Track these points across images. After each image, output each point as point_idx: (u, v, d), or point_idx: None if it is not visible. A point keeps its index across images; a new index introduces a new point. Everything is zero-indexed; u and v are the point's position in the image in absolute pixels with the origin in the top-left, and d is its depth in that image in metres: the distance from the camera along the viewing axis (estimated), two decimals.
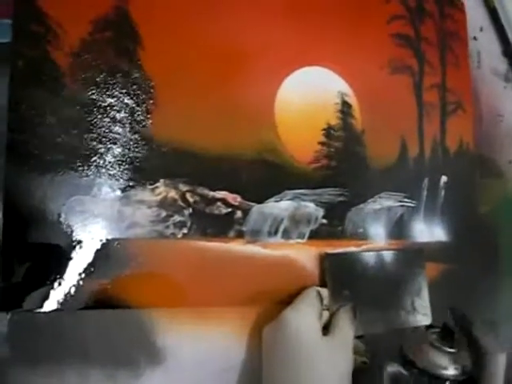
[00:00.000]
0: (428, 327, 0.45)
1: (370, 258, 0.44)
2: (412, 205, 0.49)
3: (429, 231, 0.50)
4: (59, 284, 0.34)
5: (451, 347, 0.42)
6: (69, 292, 0.34)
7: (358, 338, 0.42)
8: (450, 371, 0.41)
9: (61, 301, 0.34)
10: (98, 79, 0.37)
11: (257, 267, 0.41)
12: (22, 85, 0.35)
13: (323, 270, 0.42)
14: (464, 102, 0.54)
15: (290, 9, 0.45)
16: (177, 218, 0.38)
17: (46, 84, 0.36)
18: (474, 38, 0.57)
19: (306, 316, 0.37)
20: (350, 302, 0.41)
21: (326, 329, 0.39)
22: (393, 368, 0.43)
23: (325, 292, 0.41)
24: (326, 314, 0.40)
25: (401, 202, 0.48)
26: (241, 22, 0.43)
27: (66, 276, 0.34)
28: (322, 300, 0.40)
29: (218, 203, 0.40)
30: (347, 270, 0.43)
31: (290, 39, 0.45)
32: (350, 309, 0.40)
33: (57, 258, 0.34)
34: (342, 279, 0.42)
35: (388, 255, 0.45)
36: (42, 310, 0.33)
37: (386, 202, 0.47)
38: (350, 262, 0.43)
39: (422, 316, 0.45)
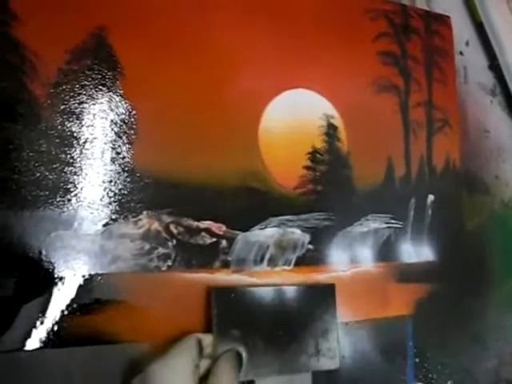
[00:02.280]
0: None
1: (266, 293, 0.40)
2: (399, 226, 0.49)
3: (416, 251, 0.50)
4: (42, 322, 0.33)
5: None
6: (51, 329, 0.34)
7: (249, 383, 0.39)
8: None
9: (43, 339, 0.33)
10: (76, 110, 0.37)
11: None
12: None
13: (210, 308, 0.38)
14: (451, 118, 0.53)
15: (273, 31, 0.45)
16: (161, 250, 0.38)
17: (23, 116, 0.35)
18: (461, 53, 0.56)
19: (174, 371, 0.33)
20: (239, 343, 0.37)
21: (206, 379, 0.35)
22: None
23: (207, 339, 0.36)
24: (206, 364, 0.36)
25: (388, 223, 0.48)
26: (224, 46, 0.42)
27: (48, 313, 0.34)
28: (201, 349, 0.35)
29: (203, 233, 0.40)
30: (238, 307, 0.39)
31: (274, 62, 0.44)
32: (231, 356, 0.36)
33: (38, 294, 0.34)
34: (231, 317, 0.38)
35: (291, 291, 0.41)
36: (24, 348, 0.33)
37: (373, 224, 0.47)
38: (241, 298, 0.39)
39: (328, 360, 0.41)
